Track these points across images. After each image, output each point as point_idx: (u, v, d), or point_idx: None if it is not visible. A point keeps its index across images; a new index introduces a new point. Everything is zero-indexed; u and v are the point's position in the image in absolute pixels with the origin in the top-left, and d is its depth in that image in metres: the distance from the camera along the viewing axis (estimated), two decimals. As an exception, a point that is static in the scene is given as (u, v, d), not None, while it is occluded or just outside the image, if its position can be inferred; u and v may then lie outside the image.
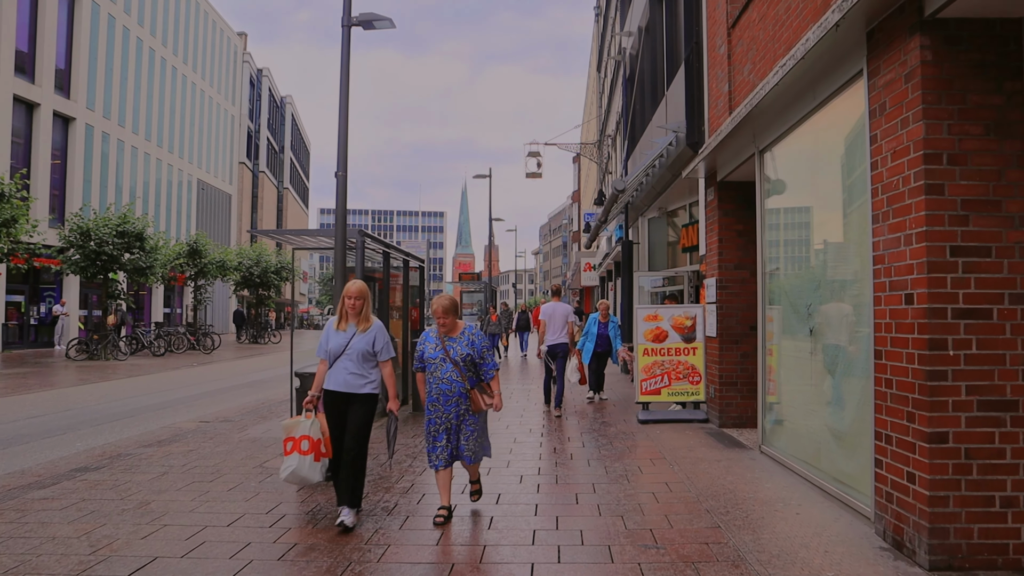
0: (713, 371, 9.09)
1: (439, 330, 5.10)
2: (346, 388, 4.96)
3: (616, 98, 23.15)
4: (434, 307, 5.05)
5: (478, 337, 5.15)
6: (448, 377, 4.99)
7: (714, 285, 8.98)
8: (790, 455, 6.43)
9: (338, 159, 7.32)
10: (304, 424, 4.98)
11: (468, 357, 5.02)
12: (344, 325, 5.07)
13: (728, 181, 8.93)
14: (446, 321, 5.04)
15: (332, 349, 5.00)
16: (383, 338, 5.05)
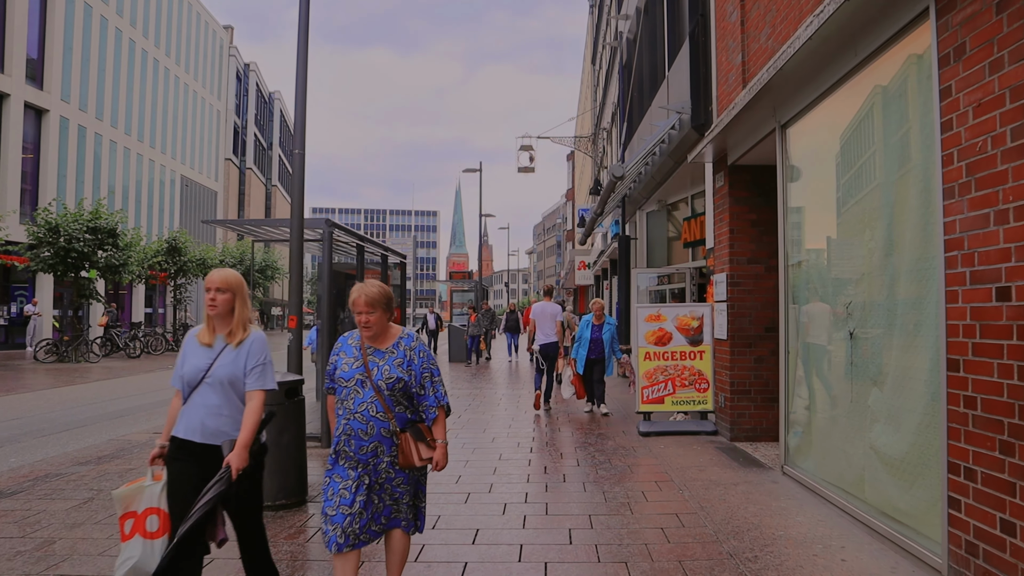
0: (723, 378, 8.13)
1: (361, 334, 3.36)
2: (203, 436, 3.16)
3: (612, 88, 22.19)
4: (353, 296, 3.27)
5: (419, 354, 3.36)
6: (366, 411, 3.22)
7: (724, 281, 8.02)
8: (822, 480, 5.46)
9: (295, 136, 6.34)
10: (151, 491, 3.23)
11: (399, 383, 3.26)
12: (208, 337, 3.30)
13: (740, 165, 7.97)
14: (371, 319, 3.25)
15: (188, 375, 3.23)
16: (258, 355, 3.27)
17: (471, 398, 12.14)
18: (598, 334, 9.86)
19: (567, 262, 55.86)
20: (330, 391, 3.43)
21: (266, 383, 3.25)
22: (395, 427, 3.26)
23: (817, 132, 5.69)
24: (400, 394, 3.27)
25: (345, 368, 3.30)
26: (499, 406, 11.16)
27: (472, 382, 14.93)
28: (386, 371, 3.26)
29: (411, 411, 3.35)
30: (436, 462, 3.34)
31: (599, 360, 9.90)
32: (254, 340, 3.31)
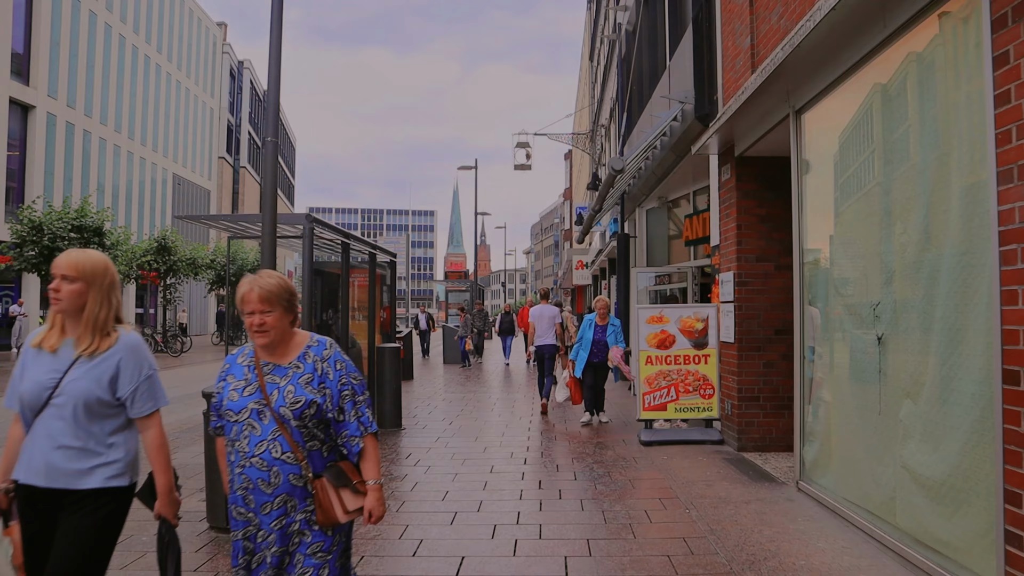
0: (730, 383, 7.62)
1: (255, 345, 2.54)
2: (49, 480, 2.40)
3: (610, 84, 21.69)
4: (242, 291, 2.45)
5: (335, 365, 2.55)
6: (266, 454, 2.40)
7: (731, 281, 7.52)
8: (843, 499, 4.96)
9: (268, 122, 5.83)
10: None
11: (310, 408, 2.44)
12: (54, 340, 2.48)
13: (748, 156, 7.47)
14: (266, 321, 2.43)
15: (27, 394, 2.44)
16: (136, 369, 2.50)
17: (464, 403, 11.62)
18: (601, 335, 8.98)
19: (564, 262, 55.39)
20: (218, 432, 2.57)
21: (158, 399, 2.56)
22: (308, 472, 2.42)
23: (837, 117, 5.19)
24: (313, 424, 2.44)
25: (234, 396, 2.45)
26: (492, 411, 10.65)
27: (465, 385, 14.42)
28: (291, 393, 2.42)
29: (330, 447, 2.52)
30: (369, 512, 2.50)
31: (601, 365, 9.07)
32: (124, 350, 2.48)
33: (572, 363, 9.19)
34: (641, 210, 14.98)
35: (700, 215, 11.79)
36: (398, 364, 9.26)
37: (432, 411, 10.77)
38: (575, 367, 9.07)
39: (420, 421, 9.85)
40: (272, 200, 5.76)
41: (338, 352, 2.60)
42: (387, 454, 7.55)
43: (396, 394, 9.19)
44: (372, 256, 10.27)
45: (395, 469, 6.86)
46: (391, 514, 5.29)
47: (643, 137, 9.80)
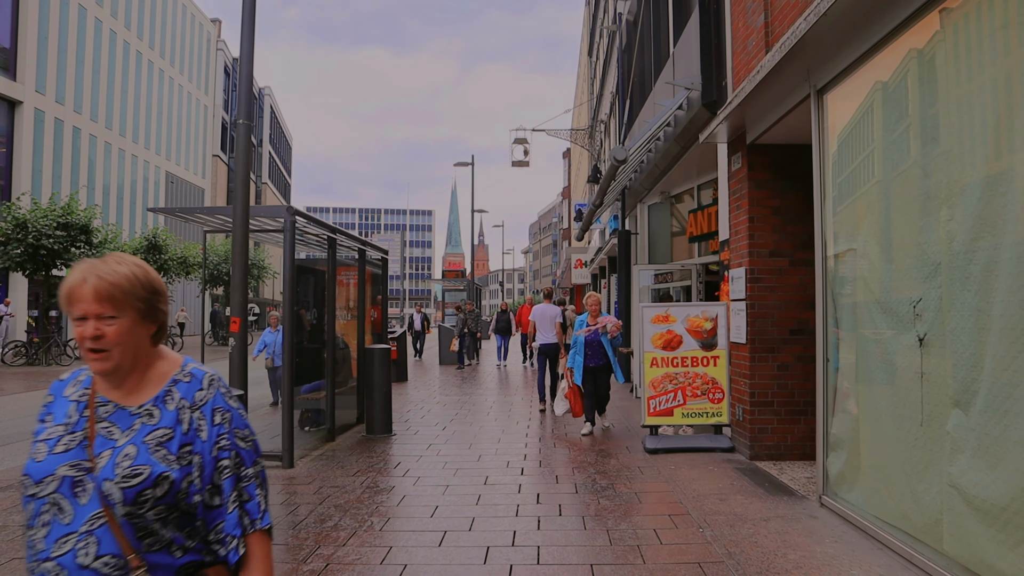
0: (741, 387, 7.12)
1: (91, 370, 1.59)
2: None
3: (610, 77, 21.20)
4: (69, 284, 1.51)
5: (214, 416, 1.60)
6: (69, 558, 1.43)
7: (743, 277, 7.02)
8: (875, 517, 4.45)
9: (240, 102, 5.31)
10: None
11: (156, 486, 1.48)
12: None
13: (761, 144, 6.97)
14: (105, 333, 1.49)
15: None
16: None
17: (458, 406, 11.12)
18: (595, 336, 8.31)
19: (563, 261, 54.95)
20: None
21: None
22: None
23: (865, 94, 4.68)
24: (157, 514, 1.48)
25: (41, 452, 1.52)
26: (488, 416, 10.14)
27: (461, 387, 13.91)
28: (127, 459, 1.48)
29: (190, 545, 1.54)
30: None
31: (602, 368, 8.37)
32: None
33: (570, 372, 8.44)
34: (643, 206, 14.48)
35: (705, 210, 11.30)
36: (388, 366, 8.75)
37: (425, 415, 10.26)
38: (574, 374, 8.36)
39: (412, 426, 9.35)
40: (244, 187, 5.25)
41: (219, 395, 1.63)
42: (375, 463, 7.04)
43: (386, 398, 8.68)
44: (362, 253, 9.77)
45: (382, 480, 6.35)
46: (373, 534, 4.79)
47: (646, 128, 9.30)
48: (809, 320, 6.90)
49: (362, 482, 6.29)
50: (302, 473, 6.66)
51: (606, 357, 8.38)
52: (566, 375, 8.53)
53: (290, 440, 6.92)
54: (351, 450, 7.73)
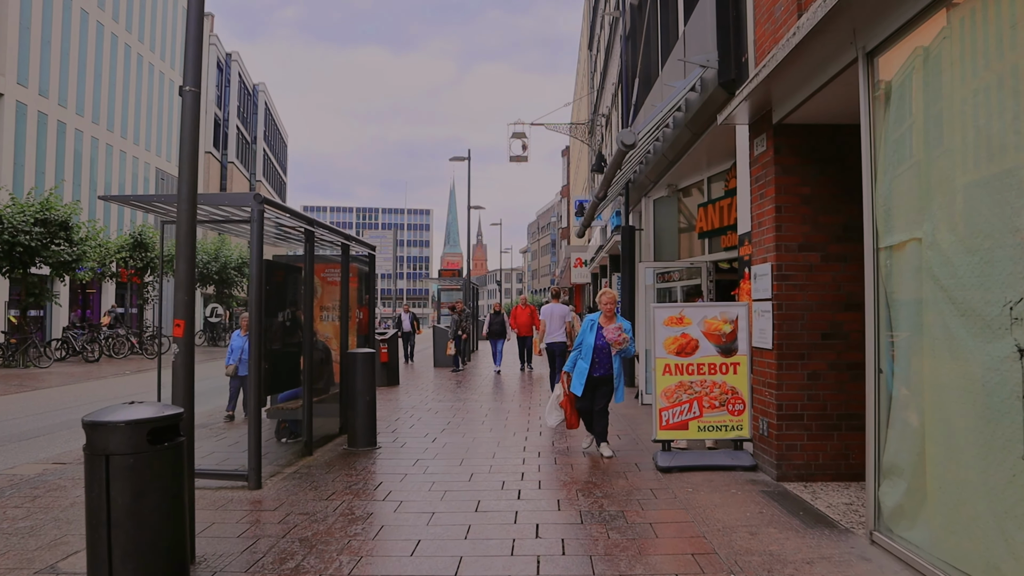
0: (766, 398, 6.33)
1: None
2: None
3: (612, 69, 20.42)
4: None
5: None
6: None
7: (768, 274, 6.22)
8: (950, 566, 3.65)
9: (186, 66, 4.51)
10: None
11: None
12: None
13: (790, 124, 6.18)
14: None
15: None
16: None
17: (452, 412, 10.31)
18: (604, 340, 7.16)
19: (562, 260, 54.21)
20: None
21: None
22: None
23: (932, 51, 3.88)
24: None
25: None
26: (483, 425, 9.34)
27: (455, 392, 13.10)
28: None
29: None
30: None
31: (605, 380, 7.14)
32: None
33: (567, 377, 7.31)
34: (648, 200, 13.68)
35: (716, 203, 10.51)
36: (372, 372, 7.95)
37: (414, 424, 9.46)
38: (571, 382, 7.21)
39: (399, 437, 8.55)
40: (191, 165, 4.44)
41: None
42: (353, 484, 6.24)
43: (370, 407, 7.88)
44: (345, 248, 8.96)
45: (359, 506, 5.55)
46: (339, 582, 3.98)
47: (655, 111, 8.50)
48: (844, 322, 6.12)
49: (336, 508, 5.49)
50: (270, 496, 5.86)
51: (612, 368, 7.16)
52: (562, 380, 7.33)
53: (257, 457, 6.11)
54: (329, 466, 6.93)
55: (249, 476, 6.10)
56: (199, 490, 6.03)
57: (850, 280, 6.12)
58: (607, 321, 7.18)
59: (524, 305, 16.43)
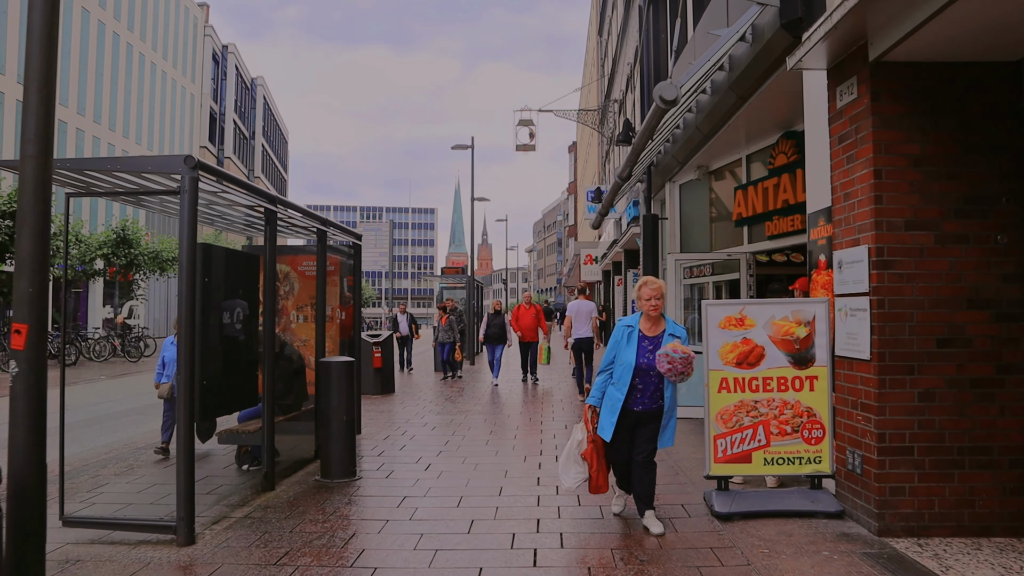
0: (859, 423, 4.81)
1: None
2: None
3: (627, 49, 18.91)
4: None
5: None
6: None
7: (864, 260, 4.71)
8: None
9: None
10: None
11: None
12: None
13: (893, 63, 4.67)
14: None
15: None
16: None
17: (451, 428, 8.80)
18: (649, 357, 4.70)
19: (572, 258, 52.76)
20: None
21: None
22: None
23: None
24: None
25: None
26: (486, 448, 7.83)
27: (456, 403, 11.58)
28: None
29: None
30: None
31: (650, 416, 4.73)
32: None
33: (591, 412, 4.89)
34: (672, 185, 12.16)
35: (758, 184, 9.01)
36: (351, 385, 6.47)
37: (405, 444, 7.97)
38: (599, 419, 4.83)
39: (386, 462, 7.07)
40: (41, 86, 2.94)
41: None
42: (317, 537, 4.74)
43: (347, 429, 6.38)
44: (322, 235, 7.48)
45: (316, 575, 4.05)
46: None
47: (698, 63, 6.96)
48: (967, 324, 4.60)
49: (286, 578, 4.00)
50: (202, 557, 4.38)
51: (662, 397, 4.75)
52: (585, 418, 4.94)
53: (188, 503, 4.62)
54: (291, 508, 5.44)
55: (178, 528, 4.61)
56: (111, 545, 4.57)
57: (975, 268, 4.61)
58: (651, 327, 4.82)
59: (528, 304, 14.02)
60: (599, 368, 4.95)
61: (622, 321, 4.95)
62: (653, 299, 4.78)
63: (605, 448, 4.87)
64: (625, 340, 4.82)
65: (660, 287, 4.82)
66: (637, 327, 4.85)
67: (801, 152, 8.24)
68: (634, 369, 4.70)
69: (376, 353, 12.70)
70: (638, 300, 4.86)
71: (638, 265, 17.98)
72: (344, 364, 6.41)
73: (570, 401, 11.51)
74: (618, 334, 4.90)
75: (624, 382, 4.70)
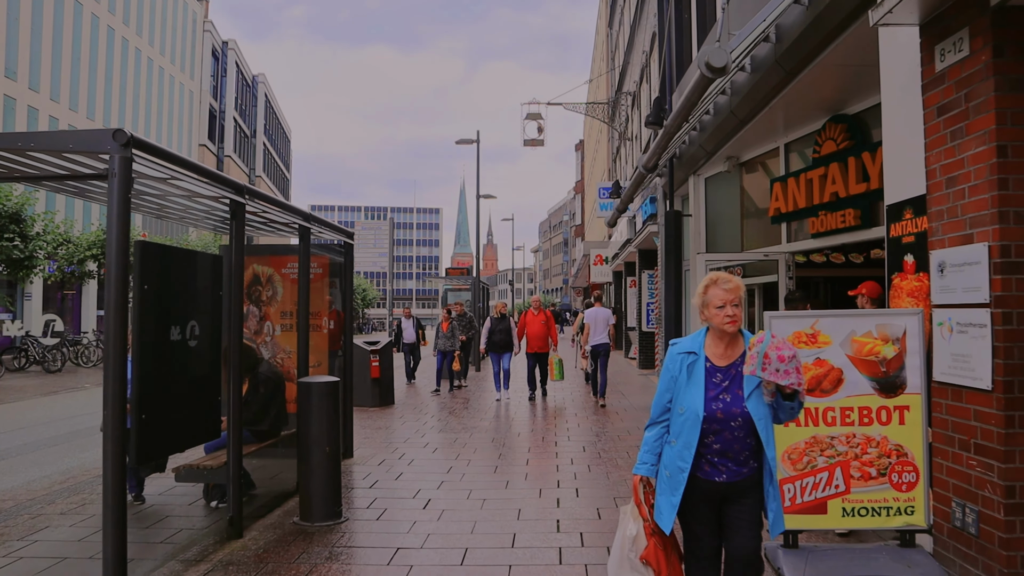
0: (974, 470, 3.77)
1: None
2: None
3: (640, 38, 17.87)
4: None
5: None
6: None
7: (983, 263, 3.67)
8: None
9: None
10: None
11: None
12: None
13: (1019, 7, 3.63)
14: None
15: None
16: None
17: (454, 449, 7.79)
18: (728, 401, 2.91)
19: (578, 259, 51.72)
20: None
21: None
22: None
23: None
24: None
25: None
26: (495, 475, 6.82)
27: (461, 419, 10.56)
28: None
29: None
30: None
31: (743, 489, 2.96)
32: None
33: (645, 486, 3.08)
34: (697, 179, 11.13)
35: (800, 176, 8.00)
36: (334, 410, 5.47)
37: (402, 473, 6.96)
38: (655, 506, 3.01)
39: (379, 496, 6.07)
40: None
41: None
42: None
43: (330, 461, 5.38)
44: (304, 232, 6.48)
45: None
46: None
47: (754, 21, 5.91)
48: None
49: None
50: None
51: (756, 456, 2.97)
52: (636, 498, 3.07)
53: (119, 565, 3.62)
54: (259, 565, 4.44)
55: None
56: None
57: None
58: (725, 350, 3.01)
59: (537, 309, 12.14)
60: (649, 419, 3.10)
61: (676, 345, 3.09)
62: (730, 306, 2.90)
63: (669, 543, 3.02)
64: (685, 375, 2.97)
65: (739, 288, 2.95)
66: (702, 354, 2.99)
67: (855, 138, 7.22)
68: (703, 418, 2.88)
69: (374, 362, 11.70)
70: (704, 308, 2.99)
71: (654, 267, 16.92)
72: (326, 385, 5.41)
73: (586, 415, 10.48)
74: (672, 366, 3.04)
75: (688, 441, 2.89)
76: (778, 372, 2.72)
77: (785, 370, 2.72)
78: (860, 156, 7.03)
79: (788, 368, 2.72)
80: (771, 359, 2.73)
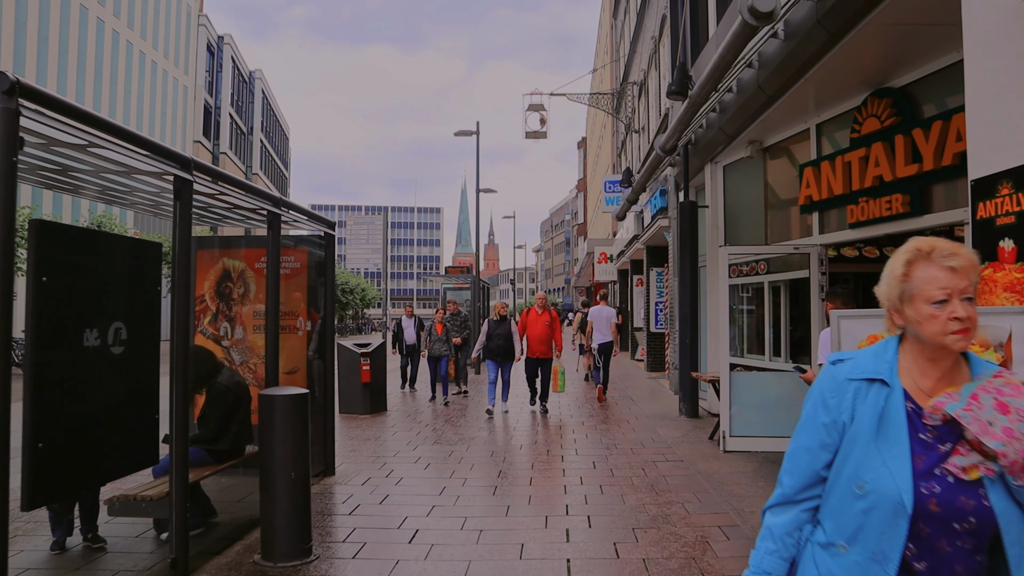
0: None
1: None
2: None
3: (648, 24, 17.00)
4: None
5: None
6: None
7: None
8: None
9: None
10: None
11: None
12: None
13: None
14: None
15: None
16: None
17: (449, 465, 6.92)
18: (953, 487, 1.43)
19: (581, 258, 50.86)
20: None
21: None
22: None
23: None
24: None
25: None
26: (494, 498, 5.94)
27: (457, 428, 9.67)
28: None
29: None
30: None
31: None
32: None
33: None
34: (715, 167, 10.25)
35: (835, 159, 7.14)
36: (302, 429, 4.60)
37: (388, 495, 6.09)
38: None
39: (358, 527, 5.19)
40: None
41: None
42: None
43: (299, 490, 4.51)
44: (273, 219, 5.61)
45: None
46: None
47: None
48: None
49: None
50: None
51: None
52: None
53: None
54: None
55: None
56: None
57: None
58: (942, 378, 1.53)
59: (542, 308, 10.78)
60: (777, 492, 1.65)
61: (844, 365, 1.62)
62: (959, 300, 1.48)
63: None
64: (871, 424, 1.52)
65: (975, 267, 1.51)
66: (898, 386, 1.54)
67: (903, 113, 6.35)
68: (913, 512, 1.43)
69: (364, 366, 10.82)
70: (904, 304, 1.57)
71: (664, 264, 16.04)
72: (291, 399, 4.54)
73: (593, 424, 9.61)
74: (834, 403, 1.58)
75: (881, 550, 1.46)
76: (990, 428, 1.41)
77: (1006, 428, 1.41)
78: (910, 134, 6.16)
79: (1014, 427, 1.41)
80: (984, 404, 1.44)
